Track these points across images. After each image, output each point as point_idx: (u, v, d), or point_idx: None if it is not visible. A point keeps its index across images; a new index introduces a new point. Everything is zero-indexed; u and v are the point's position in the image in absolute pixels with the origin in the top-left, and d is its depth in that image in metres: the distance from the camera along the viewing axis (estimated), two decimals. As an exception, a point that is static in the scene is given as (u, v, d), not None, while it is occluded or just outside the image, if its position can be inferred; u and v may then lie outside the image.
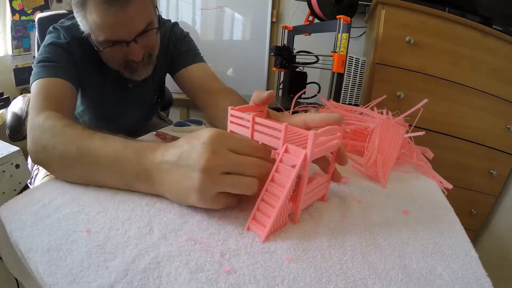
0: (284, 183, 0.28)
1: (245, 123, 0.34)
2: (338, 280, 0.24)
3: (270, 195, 0.29)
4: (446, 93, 1.13)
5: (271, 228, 0.28)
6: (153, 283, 0.22)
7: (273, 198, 0.29)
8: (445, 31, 1.07)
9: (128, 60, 0.58)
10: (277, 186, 0.29)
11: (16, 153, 0.43)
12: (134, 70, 0.60)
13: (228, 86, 0.72)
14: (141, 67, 0.60)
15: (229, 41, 1.68)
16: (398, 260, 0.27)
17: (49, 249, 0.26)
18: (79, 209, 0.32)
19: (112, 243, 0.27)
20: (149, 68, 0.62)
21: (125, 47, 0.55)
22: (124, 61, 0.58)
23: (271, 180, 0.29)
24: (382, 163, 0.48)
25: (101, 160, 0.35)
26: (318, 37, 1.27)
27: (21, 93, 1.64)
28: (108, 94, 0.69)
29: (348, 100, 1.01)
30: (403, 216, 0.36)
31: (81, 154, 0.36)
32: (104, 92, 0.68)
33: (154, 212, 0.32)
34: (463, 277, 0.26)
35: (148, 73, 0.63)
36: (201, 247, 0.27)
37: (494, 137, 1.18)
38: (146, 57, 0.60)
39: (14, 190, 0.42)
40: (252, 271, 0.24)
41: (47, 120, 0.42)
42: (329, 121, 0.34)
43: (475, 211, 1.27)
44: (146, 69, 0.62)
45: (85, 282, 0.22)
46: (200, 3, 1.64)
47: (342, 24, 0.87)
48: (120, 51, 0.56)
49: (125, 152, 0.34)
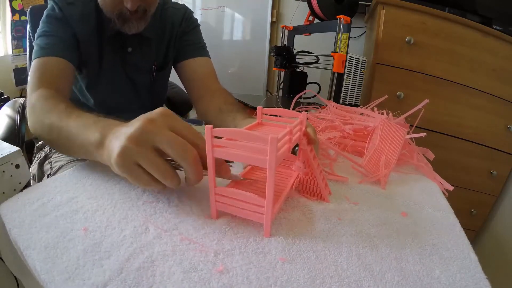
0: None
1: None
2: (332, 282, 0.24)
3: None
4: (446, 93, 1.13)
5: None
6: (147, 282, 0.23)
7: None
8: (445, 31, 1.07)
9: (123, 8, 0.58)
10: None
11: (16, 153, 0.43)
12: (126, 21, 0.60)
13: (224, 87, 0.72)
14: (134, 20, 0.60)
15: (229, 41, 1.68)
16: (395, 262, 0.27)
17: (46, 247, 0.26)
18: (77, 207, 0.32)
19: (108, 241, 0.27)
20: (141, 24, 0.62)
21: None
22: (118, 8, 0.58)
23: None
24: (382, 165, 0.47)
25: (71, 132, 0.38)
26: (318, 37, 1.27)
27: (21, 93, 1.65)
28: (109, 59, 0.68)
29: (348, 100, 1.01)
30: (402, 217, 0.36)
31: (56, 128, 0.41)
32: (103, 56, 0.67)
33: (151, 212, 0.32)
34: (461, 280, 0.26)
35: (139, 29, 0.62)
36: (196, 246, 0.27)
37: (494, 137, 1.17)
38: (141, 11, 0.59)
39: (14, 190, 0.43)
40: (246, 271, 0.25)
41: (38, 99, 0.48)
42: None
43: (475, 211, 1.26)
44: (138, 24, 0.61)
45: (80, 279, 0.23)
46: (200, 3, 1.65)
47: (342, 24, 0.87)
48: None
49: (95, 125, 0.35)
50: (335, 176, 0.45)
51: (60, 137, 0.40)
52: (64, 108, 0.43)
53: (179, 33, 0.74)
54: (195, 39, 0.76)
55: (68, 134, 0.38)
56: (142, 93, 0.77)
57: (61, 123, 0.40)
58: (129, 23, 0.60)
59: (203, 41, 0.79)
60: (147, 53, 0.72)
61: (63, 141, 0.40)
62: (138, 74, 0.74)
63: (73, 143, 0.38)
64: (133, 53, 0.69)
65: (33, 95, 0.49)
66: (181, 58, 0.75)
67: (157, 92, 0.83)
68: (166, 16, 0.73)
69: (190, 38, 0.75)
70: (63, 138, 0.40)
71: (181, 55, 0.75)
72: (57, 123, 0.41)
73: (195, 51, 0.75)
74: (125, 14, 0.59)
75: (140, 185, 0.30)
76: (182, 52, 0.75)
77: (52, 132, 0.42)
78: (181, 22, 0.74)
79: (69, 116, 0.41)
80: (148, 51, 0.72)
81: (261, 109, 0.38)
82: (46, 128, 0.43)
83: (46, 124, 0.43)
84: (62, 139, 0.40)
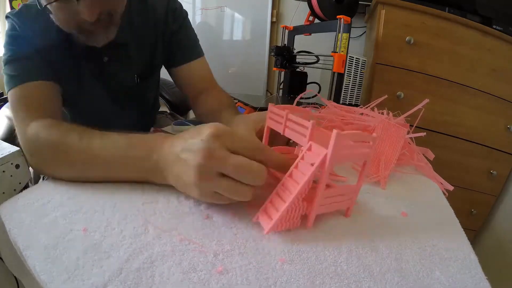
0: (300, 179, 0.28)
1: (279, 120, 0.36)
2: (332, 283, 0.24)
3: (285, 189, 0.29)
4: (446, 93, 1.13)
5: (277, 222, 0.28)
6: (146, 283, 0.23)
7: (286, 193, 0.28)
8: (445, 31, 1.07)
9: (81, 20, 0.46)
10: (293, 181, 0.28)
11: (16, 153, 0.43)
12: (90, 34, 0.49)
13: (219, 86, 0.71)
14: (99, 30, 0.50)
15: (229, 41, 1.69)
16: (395, 263, 0.27)
17: (46, 247, 0.26)
18: (77, 208, 0.32)
19: (107, 242, 0.27)
20: (110, 31, 0.52)
21: (74, 3, 0.44)
22: (77, 21, 0.47)
23: (289, 175, 0.29)
24: (382, 164, 0.47)
25: (110, 163, 0.36)
26: (318, 37, 1.27)
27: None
28: (86, 73, 0.59)
29: (348, 100, 1.01)
30: (402, 218, 0.35)
31: (87, 164, 0.37)
32: (80, 71, 0.58)
33: (150, 212, 0.32)
34: (461, 281, 0.26)
35: (109, 38, 0.52)
36: (195, 247, 0.27)
37: (494, 137, 1.18)
38: (105, 18, 0.48)
39: (14, 190, 0.43)
40: (245, 272, 0.24)
41: (38, 133, 0.40)
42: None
43: (475, 211, 1.26)
44: (106, 33, 0.51)
45: (79, 280, 0.23)
46: (200, 3, 1.65)
47: (342, 24, 0.87)
48: (69, 8, 0.45)
49: (134, 151, 0.35)
50: (335, 176, 0.45)
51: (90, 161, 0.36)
52: (83, 130, 0.39)
53: (166, 33, 0.65)
54: (186, 37, 0.68)
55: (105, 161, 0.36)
56: (126, 105, 0.68)
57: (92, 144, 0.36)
58: (95, 35, 0.50)
59: (194, 36, 0.70)
60: (125, 60, 0.62)
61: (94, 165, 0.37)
62: (120, 85, 0.64)
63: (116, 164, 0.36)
64: (110, 62, 0.60)
65: (28, 129, 0.41)
66: (174, 63, 0.68)
67: (144, 100, 0.74)
68: (145, 10, 0.62)
69: (180, 38, 0.67)
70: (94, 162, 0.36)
71: (174, 60, 0.68)
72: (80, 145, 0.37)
73: (188, 55, 0.68)
74: (86, 26, 0.48)
75: (226, 202, 0.31)
76: (174, 57, 0.67)
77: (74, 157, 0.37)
78: (166, 18, 0.64)
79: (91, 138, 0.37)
80: (127, 58, 0.62)
81: (273, 106, 0.38)
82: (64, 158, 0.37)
83: (64, 151, 0.37)
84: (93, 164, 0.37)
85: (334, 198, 0.32)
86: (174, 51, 0.67)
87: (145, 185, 0.37)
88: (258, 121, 0.44)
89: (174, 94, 1.13)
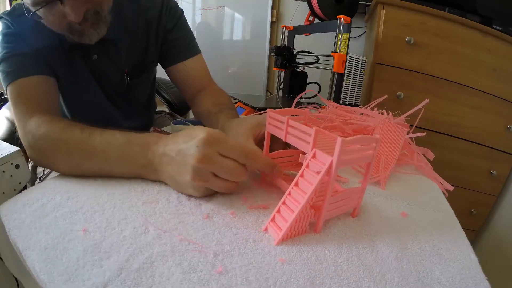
0: (307, 188, 0.28)
1: (280, 125, 0.36)
2: (332, 283, 0.24)
3: (292, 199, 0.29)
4: (446, 93, 1.13)
5: (287, 232, 0.28)
6: (146, 283, 0.23)
7: (293, 203, 0.28)
8: (445, 31, 1.07)
9: (70, 21, 0.48)
10: (300, 191, 0.28)
11: (16, 153, 0.43)
12: (81, 32, 0.51)
13: (216, 85, 0.71)
14: (88, 28, 0.51)
15: (229, 41, 1.68)
16: (395, 263, 0.27)
17: (46, 248, 0.26)
18: (77, 208, 0.32)
19: (107, 242, 0.27)
20: (100, 28, 0.53)
21: (59, 6, 0.46)
22: (66, 23, 0.49)
23: (295, 185, 0.29)
24: (382, 165, 0.47)
25: (108, 156, 0.38)
26: (318, 37, 1.27)
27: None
28: (78, 71, 0.60)
29: (348, 100, 1.01)
30: (402, 218, 0.35)
31: (86, 155, 0.38)
32: (72, 68, 0.59)
33: (150, 212, 0.32)
34: (462, 281, 0.26)
35: (100, 34, 0.53)
36: (195, 247, 0.27)
37: (494, 137, 1.17)
38: (91, 16, 0.50)
39: (14, 190, 0.43)
40: (245, 272, 0.24)
41: (39, 128, 0.42)
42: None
43: (475, 211, 1.26)
44: (96, 30, 0.52)
45: (80, 280, 0.23)
46: (200, 3, 1.64)
47: (342, 24, 0.87)
48: (56, 11, 0.47)
49: (130, 147, 0.37)
50: (337, 177, 0.45)
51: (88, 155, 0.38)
52: (84, 126, 0.41)
53: (160, 32, 0.66)
54: (181, 36, 0.68)
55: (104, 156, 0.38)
56: (118, 102, 0.68)
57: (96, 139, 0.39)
58: (86, 34, 0.51)
59: (190, 34, 0.70)
60: (114, 58, 0.62)
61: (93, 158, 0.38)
62: (110, 82, 0.64)
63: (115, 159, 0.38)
64: (99, 60, 0.60)
65: (28, 124, 0.43)
66: (170, 62, 0.68)
67: (136, 98, 0.73)
68: (137, 9, 0.62)
69: (176, 37, 0.67)
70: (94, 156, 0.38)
71: (169, 59, 0.68)
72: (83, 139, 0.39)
73: (184, 53, 0.68)
74: (76, 27, 0.49)
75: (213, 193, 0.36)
76: (170, 56, 0.67)
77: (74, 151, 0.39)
78: (159, 17, 0.64)
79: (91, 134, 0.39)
80: (116, 55, 0.62)
81: (272, 111, 0.38)
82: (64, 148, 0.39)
83: (64, 141, 0.39)
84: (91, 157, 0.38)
85: (340, 202, 0.32)
86: (169, 49, 0.68)
87: (145, 185, 0.37)
88: (256, 127, 0.43)
89: (174, 94, 1.13)
